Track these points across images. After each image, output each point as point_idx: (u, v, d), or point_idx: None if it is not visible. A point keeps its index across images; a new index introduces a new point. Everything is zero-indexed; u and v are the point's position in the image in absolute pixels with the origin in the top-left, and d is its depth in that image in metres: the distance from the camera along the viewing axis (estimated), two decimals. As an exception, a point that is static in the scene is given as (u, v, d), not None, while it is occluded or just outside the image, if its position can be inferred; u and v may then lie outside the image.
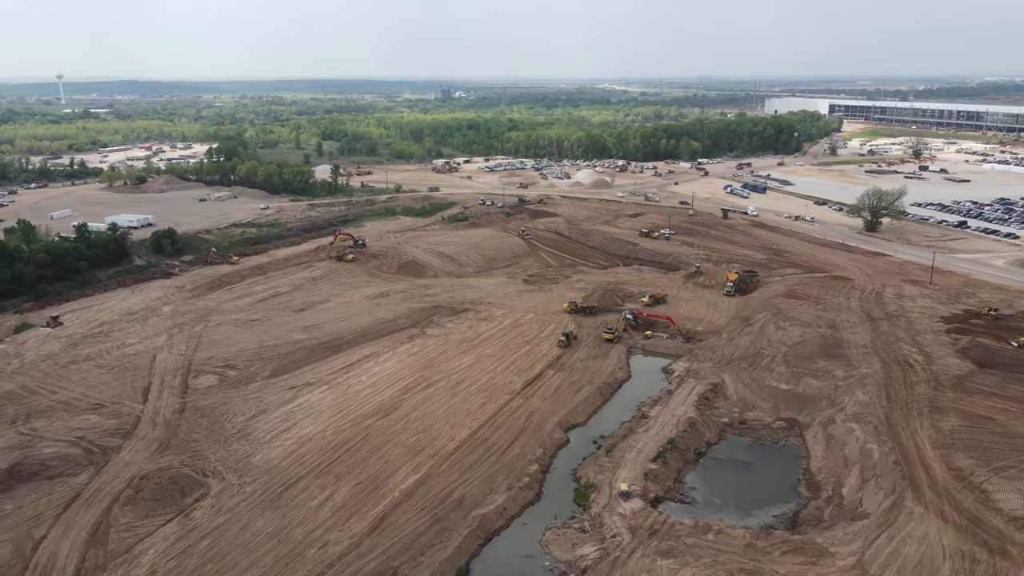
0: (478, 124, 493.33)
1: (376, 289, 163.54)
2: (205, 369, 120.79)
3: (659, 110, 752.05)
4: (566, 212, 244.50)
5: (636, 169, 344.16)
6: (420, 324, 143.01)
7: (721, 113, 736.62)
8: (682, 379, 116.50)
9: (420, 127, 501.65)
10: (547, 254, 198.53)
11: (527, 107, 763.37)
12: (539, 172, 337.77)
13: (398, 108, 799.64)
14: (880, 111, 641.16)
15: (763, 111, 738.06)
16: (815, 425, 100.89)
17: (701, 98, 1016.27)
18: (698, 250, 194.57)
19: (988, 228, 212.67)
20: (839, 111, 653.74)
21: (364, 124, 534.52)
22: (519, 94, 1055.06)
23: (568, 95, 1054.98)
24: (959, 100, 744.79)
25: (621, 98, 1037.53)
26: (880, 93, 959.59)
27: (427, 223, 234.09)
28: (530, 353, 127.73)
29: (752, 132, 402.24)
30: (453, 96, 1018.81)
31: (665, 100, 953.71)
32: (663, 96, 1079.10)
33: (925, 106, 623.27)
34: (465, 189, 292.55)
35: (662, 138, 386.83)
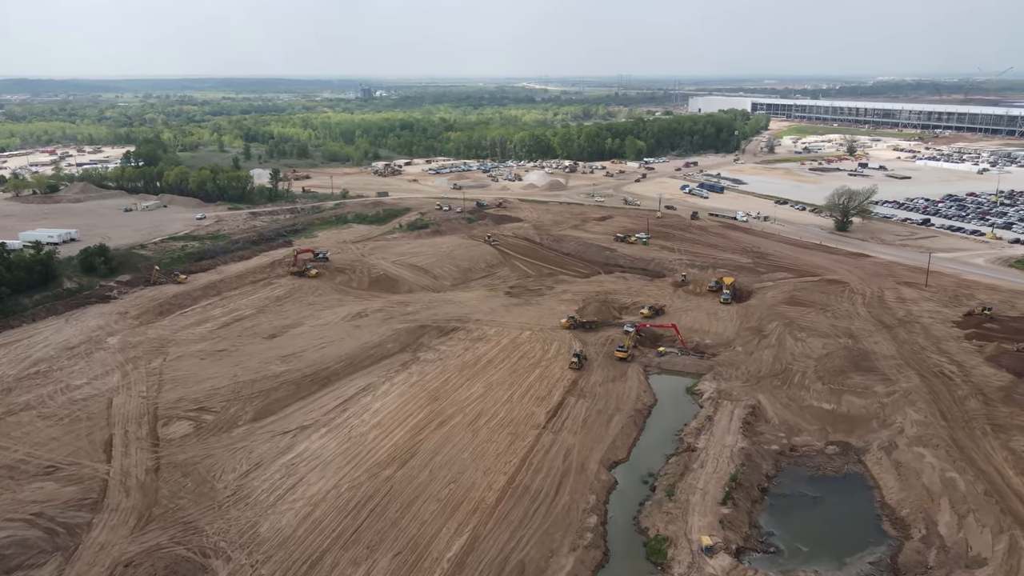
0: (412, 124, 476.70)
1: (351, 309, 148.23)
2: (175, 414, 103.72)
3: (587, 108, 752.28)
4: (530, 216, 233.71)
5: (586, 170, 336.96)
6: (410, 348, 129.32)
7: (648, 111, 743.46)
8: (715, 401, 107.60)
9: (350, 128, 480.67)
10: (522, 263, 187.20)
11: (453, 106, 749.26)
12: (487, 174, 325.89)
13: (319, 108, 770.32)
14: (801, 109, 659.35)
15: (687, 109, 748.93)
16: (874, 450, 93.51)
17: (622, 96, 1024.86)
18: (680, 255, 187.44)
19: (953, 225, 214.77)
20: (761, 109, 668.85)
21: (289, 125, 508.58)
22: (442, 93, 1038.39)
23: (491, 94, 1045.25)
24: (866, 99, 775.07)
25: (544, 97, 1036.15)
26: (790, 92, 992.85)
27: (384, 231, 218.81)
28: (542, 378, 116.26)
29: (693, 131, 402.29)
30: (375, 95, 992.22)
31: (588, 99, 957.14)
32: (584, 95, 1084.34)
33: (843, 104, 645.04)
34: (416, 193, 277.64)
35: (607, 137, 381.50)
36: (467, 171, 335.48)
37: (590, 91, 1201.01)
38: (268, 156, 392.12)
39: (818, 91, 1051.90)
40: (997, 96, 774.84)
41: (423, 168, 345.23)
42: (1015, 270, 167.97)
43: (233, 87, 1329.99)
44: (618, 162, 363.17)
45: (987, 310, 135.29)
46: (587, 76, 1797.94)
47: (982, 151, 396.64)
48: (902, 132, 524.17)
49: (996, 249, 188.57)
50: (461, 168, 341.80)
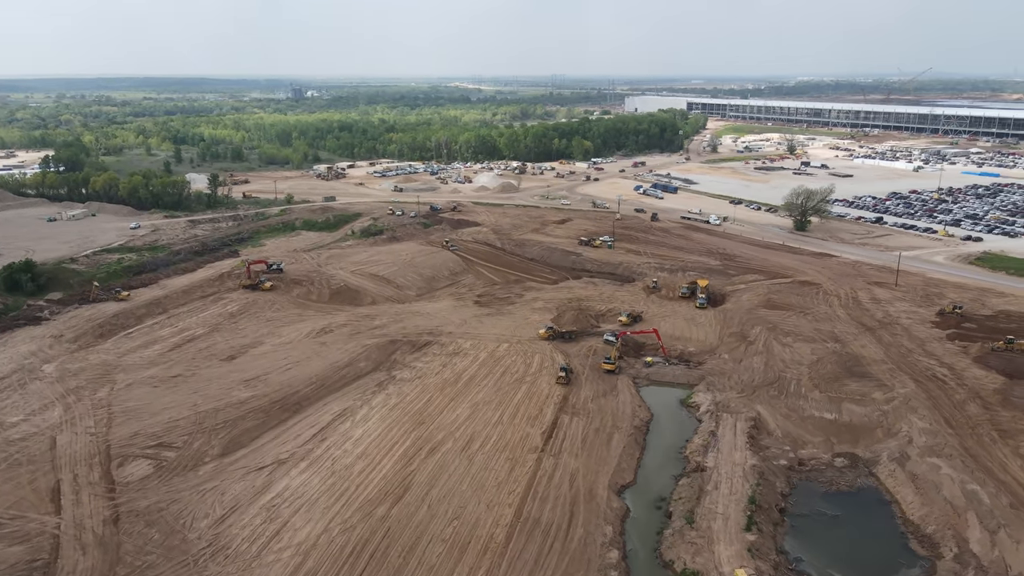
0: (350, 126, 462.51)
1: (314, 324, 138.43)
2: (131, 452, 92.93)
3: (525, 108, 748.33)
4: (487, 220, 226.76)
5: (535, 171, 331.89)
6: (384, 366, 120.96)
7: (586, 111, 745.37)
8: (714, 415, 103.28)
9: (286, 129, 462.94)
10: (486, 269, 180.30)
11: (389, 107, 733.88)
12: (436, 176, 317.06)
13: (248, 108, 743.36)
14: (735, 109, 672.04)
15: (623, 109, 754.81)
16: (885, 461, 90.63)
17: (557, 96, 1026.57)
18: (647, 258, 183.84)
19: (905, 223, 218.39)
20: (697, 109, 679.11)
21: (220, 127, 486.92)
22: (375, 93, 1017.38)
23: (426, 94, 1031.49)
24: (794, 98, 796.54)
25: (479, 97, 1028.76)
26: (719, 92, 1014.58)
27: (336, 238, 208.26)
28: (530, 395, 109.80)
29: (638, 131, 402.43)
30: (306, 96, 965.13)
31: (524, 99, 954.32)
32: (519, 95, 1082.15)
33: (776, 104, 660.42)
34: (365, 197, 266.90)
35: (554, 138, 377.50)
36: (414, 173, 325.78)
37: (524, 91, 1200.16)
38: (201, 159, 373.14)
39: (746, 91, 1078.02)
40: (916, 96, 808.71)
41: (368, 171, 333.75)
42: (976, 267, 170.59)
43: (154, 86, 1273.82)
44: (566, 162, 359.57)
45: (958, 308, 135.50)
46: (520, 76, 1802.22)
47: (913, 149, 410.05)
48: (832, 131, 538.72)
49: (951, 246, 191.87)
50: (407, 170, 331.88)
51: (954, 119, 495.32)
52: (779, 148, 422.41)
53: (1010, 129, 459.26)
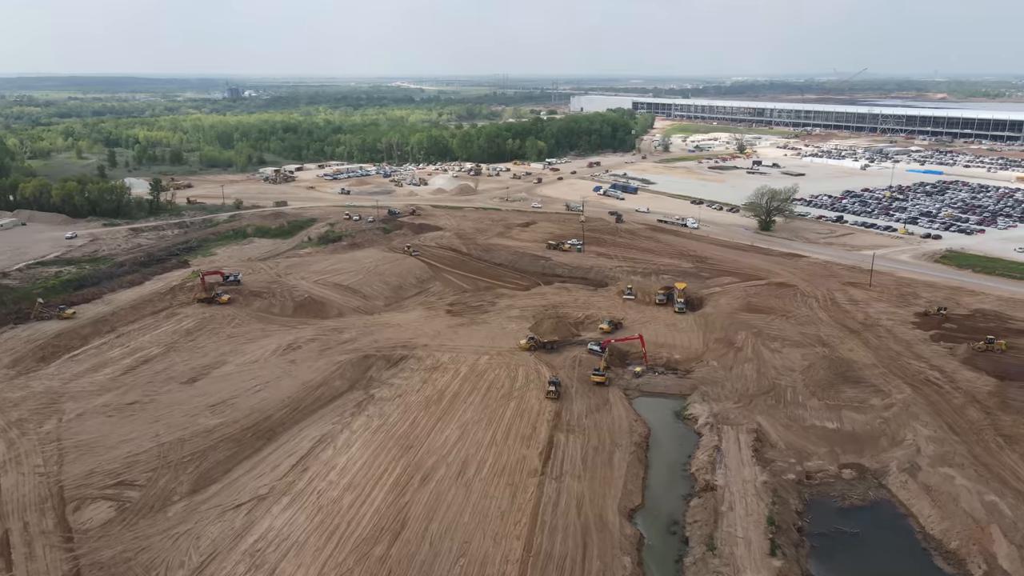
0: (295, 127, 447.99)
1: (279, 340, 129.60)
2: (88, 493, 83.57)
3: (470, 108, 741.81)
4: (449, 224, 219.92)
5: (491, 172, 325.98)
6: (360, 384, 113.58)
7: (532, 110, 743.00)
8: (714, 427, 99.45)
9: (226, 131, 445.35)
10: (453, 276, 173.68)
11: (331, 107, 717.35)
12: (389, 179, 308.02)
13: (183, 109, 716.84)
14: (680, 108, 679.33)
15: (569, 109, 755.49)
16: (895, 472, 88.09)
17: (501, 96, 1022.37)
18: (619, 262, 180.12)
19: (866, 222, 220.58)
20: (642, 108, 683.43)
21: (156, 128, 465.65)
22: (315, 93, 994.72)
23: (367, 94, 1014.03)
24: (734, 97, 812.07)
25: (422, 97, 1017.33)
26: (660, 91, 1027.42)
27: (292, 246, 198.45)
28: (520, 412, 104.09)
29: (590, 131, 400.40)
30: (243, 95, 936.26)
31: (468, 98, 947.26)
32: (462, 94, 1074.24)
33: (720, 103, 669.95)
34: (318, 202, 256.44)
35: (507, 138, 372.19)
36: (366, 176, 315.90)
37: (467, 91, 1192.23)
38: (137, 163, 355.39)
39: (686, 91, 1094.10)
40: (850, 96, 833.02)
41: (317, 174, 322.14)
42: (942, 266, 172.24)
43: (79, 86, 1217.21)
44: (520, 163, 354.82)
45: (942, 310, 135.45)
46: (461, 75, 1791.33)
47: (857, 148, 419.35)
48: (773, 129, 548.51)
49: (914, 244, 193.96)
50: (359, 173, 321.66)
51: (891, 118, 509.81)
52: (728, 147, 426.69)
53: (944, 128, 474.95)
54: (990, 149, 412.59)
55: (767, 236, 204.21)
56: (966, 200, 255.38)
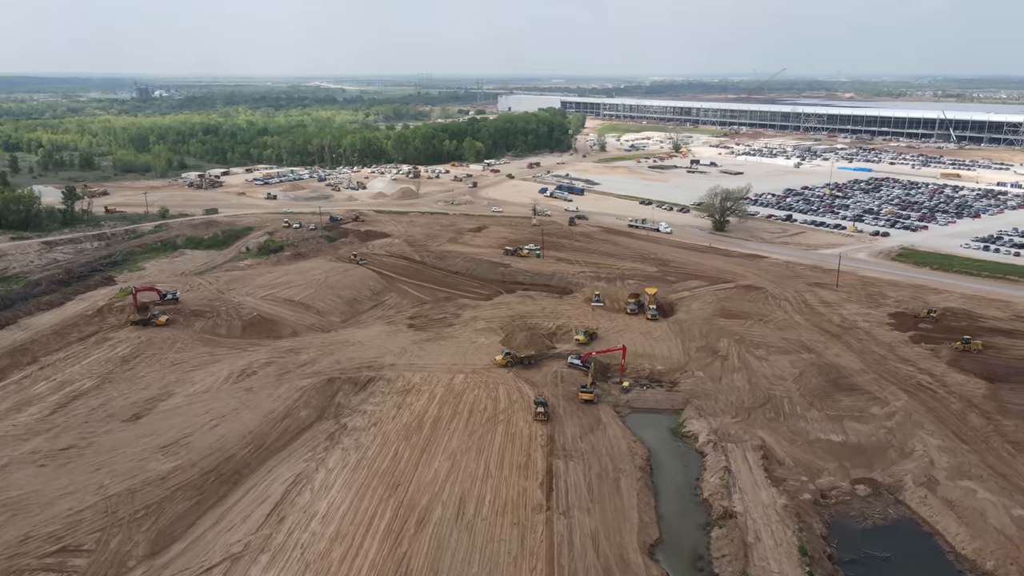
0: (216, 128, 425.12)
1: (231, 365, 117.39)
2: (25, 565, 70.96)
3: (397, 108, 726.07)
4: (397, 231, 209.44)
5: (430, 174, 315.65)
6: (328, 413, 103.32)
7: (460, 110, 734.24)
8: (717, 445, 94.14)
9: (141, 133, 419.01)
10: (409, 286, 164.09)
11: (251, 107, 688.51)
12: (325, 183, 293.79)
13: (88, 110, 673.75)
14: (609, 107, 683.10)
15: (497, 108, 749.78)
16: (911, 487, 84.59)
17: (425, 96, 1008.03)
18: (581, 267, 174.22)
19: (815, 220, 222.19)
20: (571, 108, 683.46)
21: (62, 131, 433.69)
22: (231, 93, 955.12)
23: (287, 94, 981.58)
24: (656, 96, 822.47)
25: (345, 97, 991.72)
26: (583, 91, 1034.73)
27: (229, 257, 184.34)
28: (511, 438, 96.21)
29: (527, 130, 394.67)
30: (154, 95, 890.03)
31: (392, 98, 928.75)
32: (386, 94, 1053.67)
33: (648, 103, 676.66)
34: (252, 209, 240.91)
35: (444, 139, 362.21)
36: (299, 180, 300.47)
37: (390, 91, 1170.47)
38: (43, 169, 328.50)
39: (610, 90, 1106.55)
40: (767, 96, 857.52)
41: (246, 178, 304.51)
42: (899, 264, 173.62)
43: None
44: (459, 164, 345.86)
45: (932, 313, 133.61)
46: (384, 75, 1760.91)
47: (786, 146, 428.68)
48: (699, 128, 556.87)
49: (866, 242, 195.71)
50: (291, 177, 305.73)
51: (813, 117, 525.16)
52: (663, 146, 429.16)
53: (863, 126, 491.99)
54: (908, 146, 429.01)
55: (723, 236, 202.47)
56: (901, 197, 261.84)
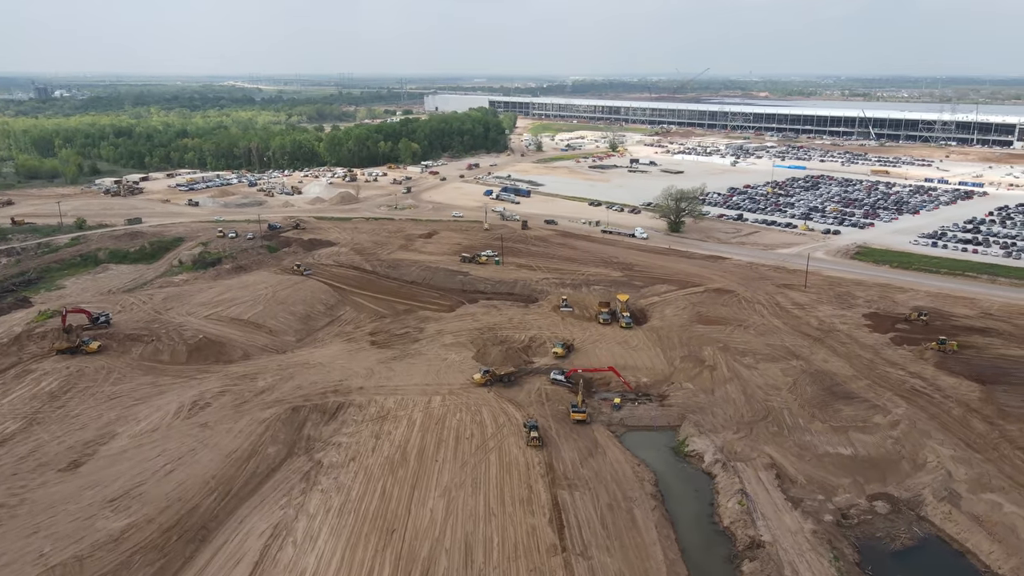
0: (130, 131, 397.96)
1: (180, 397, 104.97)
2: (-45, 662, 58.72)
3: (320, 109, 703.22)
4: (342, 238, 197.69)
5: (369, 178, 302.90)
6: (299, 448, 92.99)
7: (386, 110, 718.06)
8: (726, 465, 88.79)
9: (45, 136, 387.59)
10: (364, 299, 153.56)
11: (163, 109, 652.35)
12: (258, 188, 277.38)
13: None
14: (538, 107, 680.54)
15: (424, 108, 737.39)
16: (932, 502, 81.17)
17: (347, 95, 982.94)
18: (543, 273, 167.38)
19: (766, 219, 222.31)
20: (500, 107, 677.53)
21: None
22: (140, 93, 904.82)
23: (200, 94, 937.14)
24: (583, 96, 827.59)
25: (263, 97, 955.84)
26: (507, 90, 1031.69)
27: (160, 272, 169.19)
28: (506, 467, 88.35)
29: (463, 131, 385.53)
30: (54, 96, 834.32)
31: (314, 98, 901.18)
32: (306, 94, 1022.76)
33: (577, 102, 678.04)
34: (180, 217, 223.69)
35: (379, 140, 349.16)
36: (228, 185, 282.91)
37: (310, 91, 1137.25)
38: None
39: (534, 89, 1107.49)
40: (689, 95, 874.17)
41: (168, 184, 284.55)
42: (859, 262, 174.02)
43: None
44: (395, 167, 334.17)
45: (922, 316, 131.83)
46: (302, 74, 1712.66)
47: (718, 145, 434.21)
48: (629, 127, 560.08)
49: (820, 241, 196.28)
50: (218, 182, 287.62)
51: (740, 116, 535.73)
52: (598, 146, 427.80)
53: (787, 124, 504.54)
54: (833, 144, 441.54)
55: (679, 238, 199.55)
56: (841, 194, 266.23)
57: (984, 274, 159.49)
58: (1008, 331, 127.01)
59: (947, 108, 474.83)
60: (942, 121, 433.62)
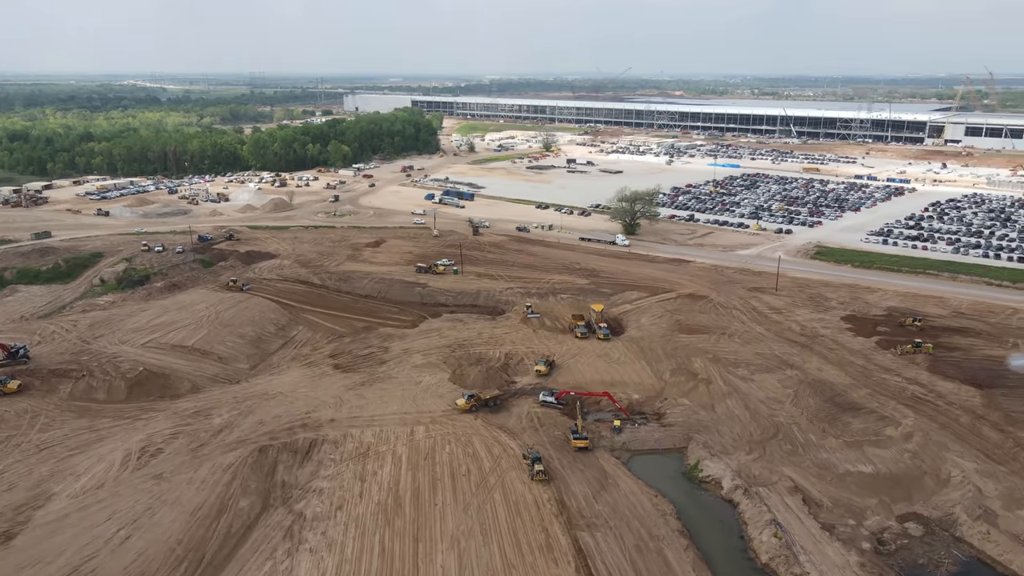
0: (26, 134, 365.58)
1: (124, 442, 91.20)
2: None
3: (234, 109, 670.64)
4: (283, 249, 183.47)
5: (299, 183, 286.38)
6: (275, 498, 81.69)
7: (304, 110, 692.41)
8: (748, 492, 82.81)
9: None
10: (317, 316, 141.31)
11: (59, 109, 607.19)
12: (178, 196, 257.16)
13: None
14: (462, 106, 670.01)
15: (343, 109, 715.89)
16: (966, 521, 77.38)
17: (260, 95, 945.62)
18: (506, 282, 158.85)
19: (718, 220, 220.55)
20: (423, 107, 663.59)
21: None
22: (30, 93, 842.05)
23: (99, 93, 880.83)
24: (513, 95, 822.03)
25: (169, 97, 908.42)
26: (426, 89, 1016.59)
27: (79, 293, 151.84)
28: (514, 508, 79.77)
29: (392, 132, 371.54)
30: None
31: (224, 98, 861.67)
32: (216, 94, 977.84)
33: (503, 101, 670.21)
34: (95, 229, 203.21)
35: (307, 143, 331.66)
36: (144, 193, 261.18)
37: (219, 90, 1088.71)
38: None
39: (454, 88, 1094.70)
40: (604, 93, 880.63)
41: (76, 192, 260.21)
42: (821, 262, 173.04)
43: None
44: (326, 170, 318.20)
45: (916, 321, 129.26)
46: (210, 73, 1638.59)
47: (650, 143, 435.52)
48: (556, 126, 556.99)
49: (775, 241, 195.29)
50: (133, 190, 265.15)
51: (665, 114, 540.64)
52: (530, 145, 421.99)
53: (712, 123, 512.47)
54: (759, 142, 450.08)
55: (635, 240, 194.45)
56: (780, 193, 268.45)
57: (944, 271, 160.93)
58: (985, 330, 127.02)
59: (864, 107, 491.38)
60: (859, 119, 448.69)
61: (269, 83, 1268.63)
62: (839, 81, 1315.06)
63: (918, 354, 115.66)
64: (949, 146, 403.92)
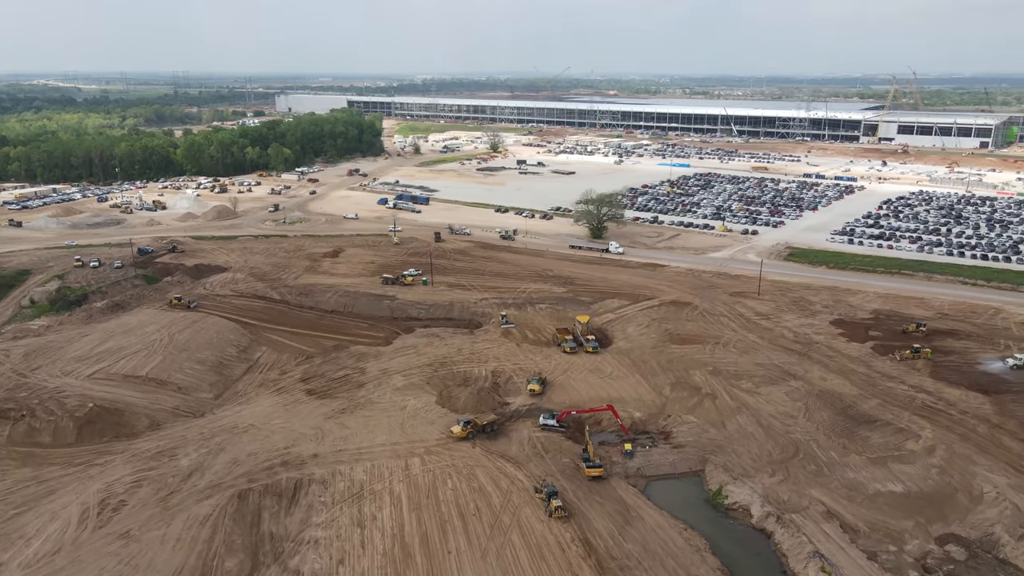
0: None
1: (80, 494, 79.52)
2: None
3: (159, 110, 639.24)
4: (234, 261, 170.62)
5: (243, 188, 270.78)
6: (265, 555, 72.05)
7: (234, 111, 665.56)
8: (782, 519, 77.51)
9: None
10: (280, 335, 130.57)
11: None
12: (109, 204, 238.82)
13: None
14: (400, 107, 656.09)
15: (276, 110, 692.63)
16: (1009, 542, 73.84)
17: (185, 95, 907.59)
18: (479, 292, 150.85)
19: (683, 221, 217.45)
20: (360, 107, 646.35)
21: None
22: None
23: (8, 94, 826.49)
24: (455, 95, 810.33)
25: (85, 97, 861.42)
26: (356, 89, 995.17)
27: (6, 316, 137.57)
28: (536, 551, 72.37)
29: (335, 133, 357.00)
30: None
31: (147, 98, 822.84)
32: (135, 94, 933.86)
33: (444, 101, 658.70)
34: (19, 243, 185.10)
35: (246, 146, 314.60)
36: (70, 202, 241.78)
37: (140, 90, 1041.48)
38: None
39: (387, 88, 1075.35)
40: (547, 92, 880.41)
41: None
42: (795, 264, 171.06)
43: None
44: (268, 175, 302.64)
45: (921, 327, 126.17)
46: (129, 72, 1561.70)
47: (596, 143, 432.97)
48: (498, 126, 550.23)
49: (744, 242, 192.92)
50: (57, 198, 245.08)
51: (608, 114, 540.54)
52: (476, 146, 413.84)
53: (654, 122, 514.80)
54: (702, 141, 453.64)
55: (603, 244, 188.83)
56: (735, 192, 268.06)
57: (918, 271, 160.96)
58: (973, 332, 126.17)
59: (802, 106, 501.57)
60: (798, 118, 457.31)
61: (193, 83, 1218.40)
62: (764, 81, 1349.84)
63: (918, 359, 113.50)
64: (883, 144, 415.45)
